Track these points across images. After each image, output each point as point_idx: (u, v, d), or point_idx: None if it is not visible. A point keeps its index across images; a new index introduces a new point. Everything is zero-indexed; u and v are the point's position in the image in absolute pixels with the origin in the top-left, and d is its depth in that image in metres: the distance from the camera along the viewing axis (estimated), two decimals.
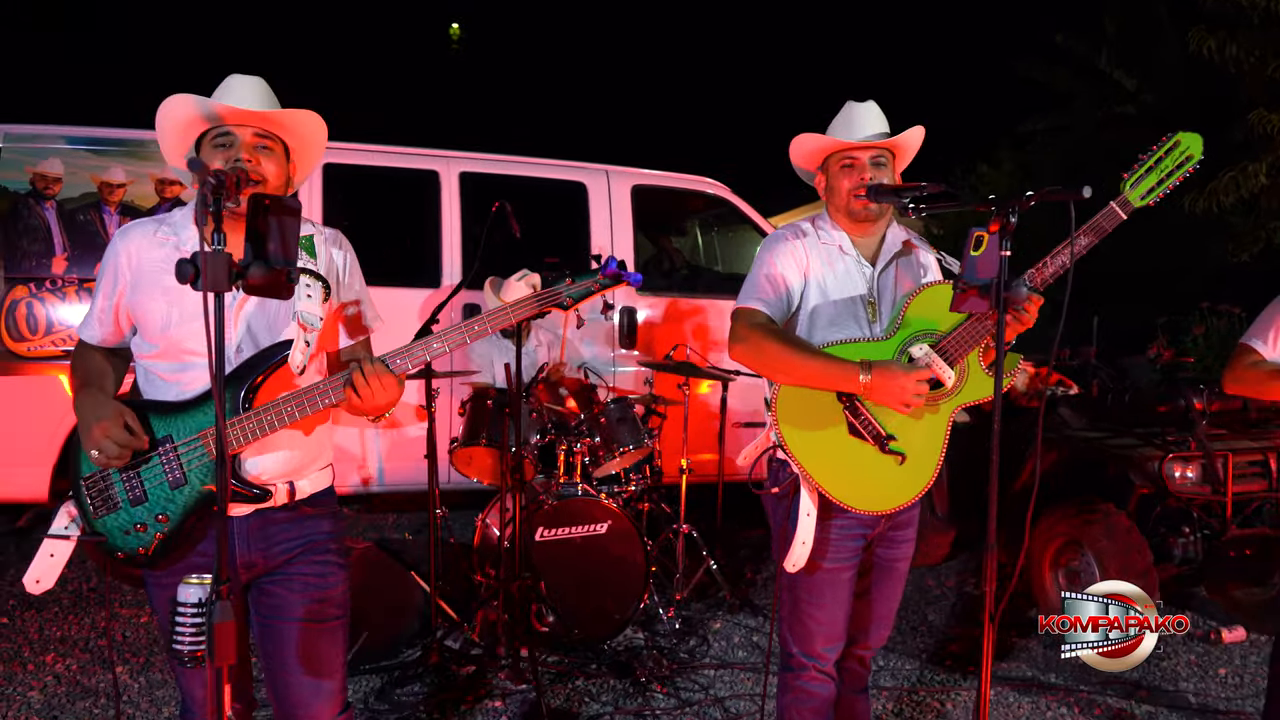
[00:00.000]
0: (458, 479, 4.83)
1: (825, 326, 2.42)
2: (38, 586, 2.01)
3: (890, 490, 2.36)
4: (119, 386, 2.15)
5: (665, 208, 6.68)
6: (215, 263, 1.61)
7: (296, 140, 2.14)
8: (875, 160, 2.43)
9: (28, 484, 4.61)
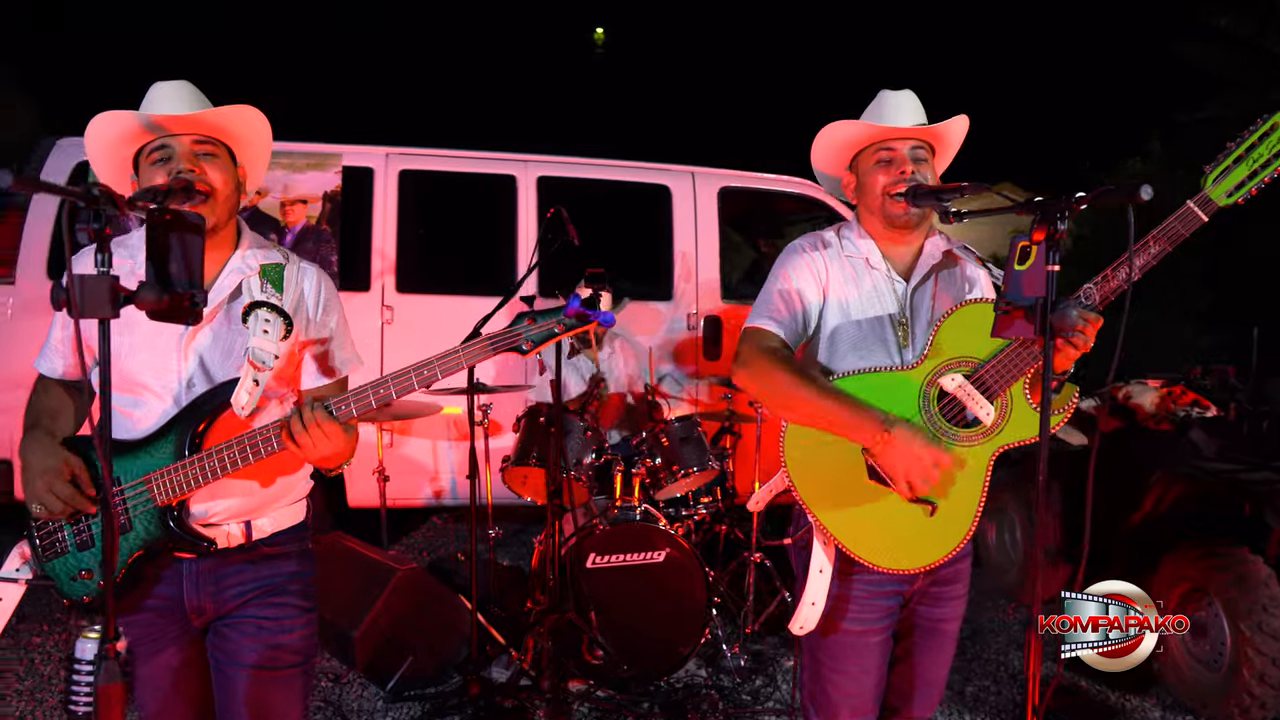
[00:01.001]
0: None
1: (848, 352, 2.09)
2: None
3: (919, 545, 2.01)
4: (77, 426, 2.03)
5: (755, 211, 6.35)
6: (93, 286, 1.45)
7: (238, 141, 1.98)
8: (915, 153, 2.09)
9: None
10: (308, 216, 4.92)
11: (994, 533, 5.08)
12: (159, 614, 1.96)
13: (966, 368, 1.98)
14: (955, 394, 1.97)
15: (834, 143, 2.15)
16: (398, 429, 4.91)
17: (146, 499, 1.86)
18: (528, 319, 1.83)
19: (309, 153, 5.00)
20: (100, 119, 1.86)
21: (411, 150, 5.13)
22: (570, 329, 1.83)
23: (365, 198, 5.00)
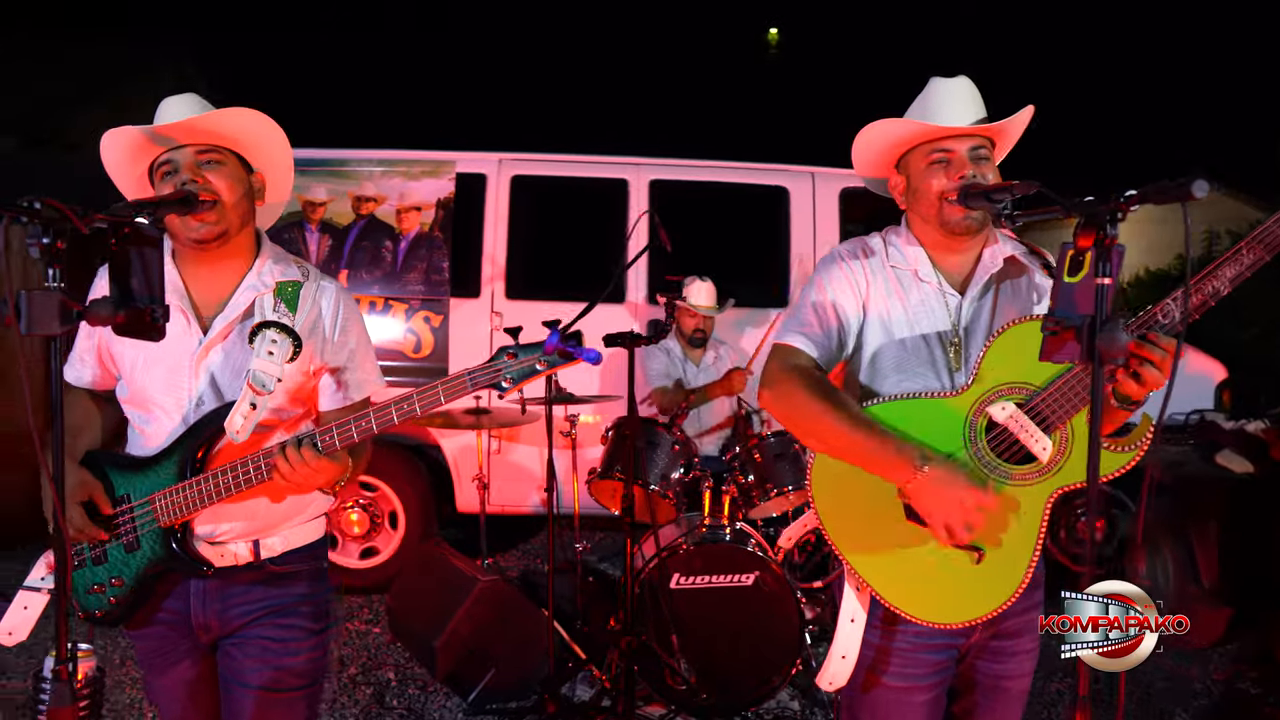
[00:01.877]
0: None
1: (891, 374, 1.85)
2: (10, 639, 1.93)
3: (965, 597, 1.75)
4: (106, 436, 2.05)
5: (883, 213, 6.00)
6: (40, 302, 1.42)
7: (246, 146, 1.93)
8: (975, 153, 1.83)
9: None
10: (421, 223, 4.98)
11: (1144, 567, 4.58)
12: (170, 628, 1.95)
13: (1020, 395, 1.71)
14: (1006, 425, 1.70)
15: (878, 142, 1.91)
16: (505, 435, 4.89)
17: (152, 520, 1.85)
18: (508, 354, 1.70)
19: (425, 160, 5.06)
20: (107, 136, 1.86)
21: (523, 156, 5.11)
22: (553, 365, 1.70)
23: (477, 204, 5.02)
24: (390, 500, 4.94)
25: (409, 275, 4.96)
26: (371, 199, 4.98)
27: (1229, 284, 1.59)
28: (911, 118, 1.86)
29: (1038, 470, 1.71)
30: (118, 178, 1.94)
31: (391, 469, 4.91)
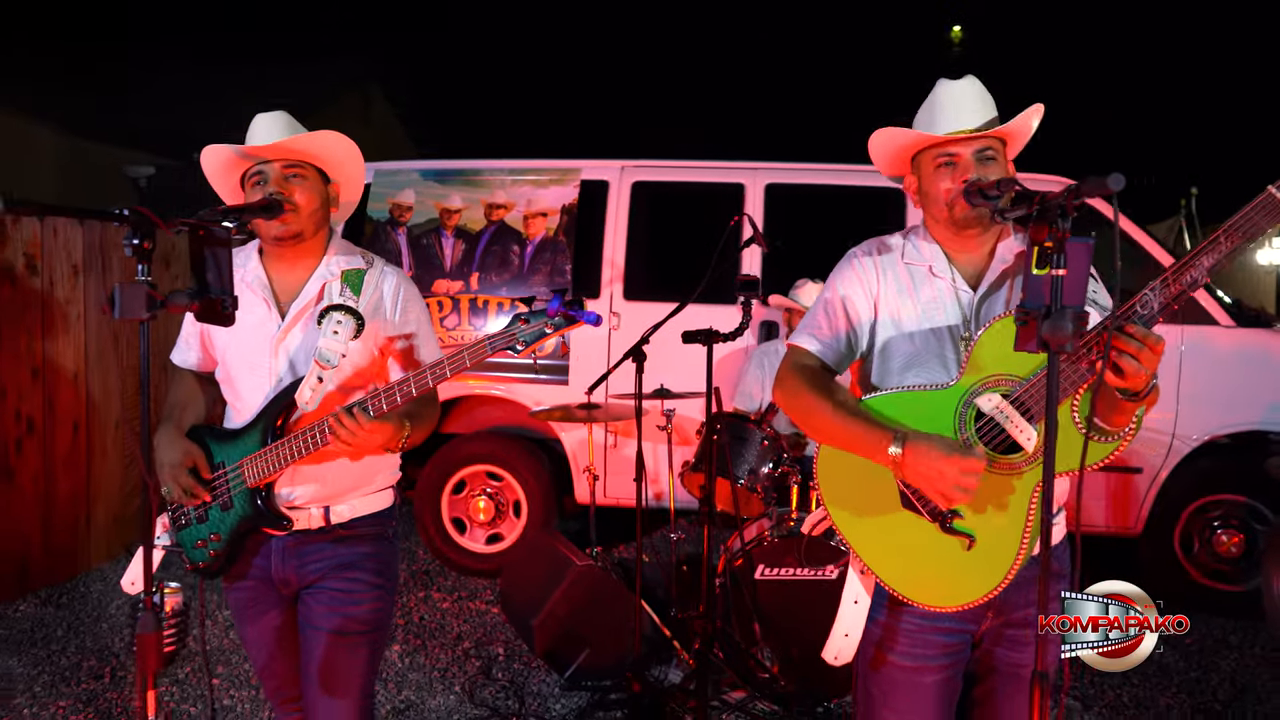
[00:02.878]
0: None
1: (902, 368, 1.93)
2: (133, 588, 2.27)
3: (959, 581, 1.80)
4: (209, 412, 2.37)
5: None
6: (130, 293, 1.72)
7: (326, 162, 2.20)
8: (982, 155, 1.88)
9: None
10: (547, 228, 5.26)
11: (1279, 583, 4.32)
12: (257, 583, 2.25)
13: (1006, 386, 1.76)
14: (992, 415, 1.75)
15: (891, 147, 1.98)
16: (620, 430, 5.10)
17: (240, 481, 2.14)
18: (521, 320, 1.90)
19: (553, 169, 5.35)
20: (206, 151, 2.18)
21: (644, 162, 5.31)
22: (559, 328, 1.88)
23: (599, 209, 5.26)
24: (515, 490, 5.24)
25: (534, 277, 5.25)
26: (502, 206, 5.31)
27: (1206, 273, 1.60)
28: (919, 121, 1.93)
29: (1024, 459, 1.75)
30: (216, 184, 2.25)
31: (516, 460, 5.22)
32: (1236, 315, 4.84)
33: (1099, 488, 4.85)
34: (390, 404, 1.98)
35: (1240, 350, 4.76)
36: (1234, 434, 4.76)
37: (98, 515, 5.47)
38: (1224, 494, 4.80)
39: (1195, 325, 4.76)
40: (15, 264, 4.84)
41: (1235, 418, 4.73)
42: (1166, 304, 1.61)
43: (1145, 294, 1.62)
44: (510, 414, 5.40)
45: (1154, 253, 4.89)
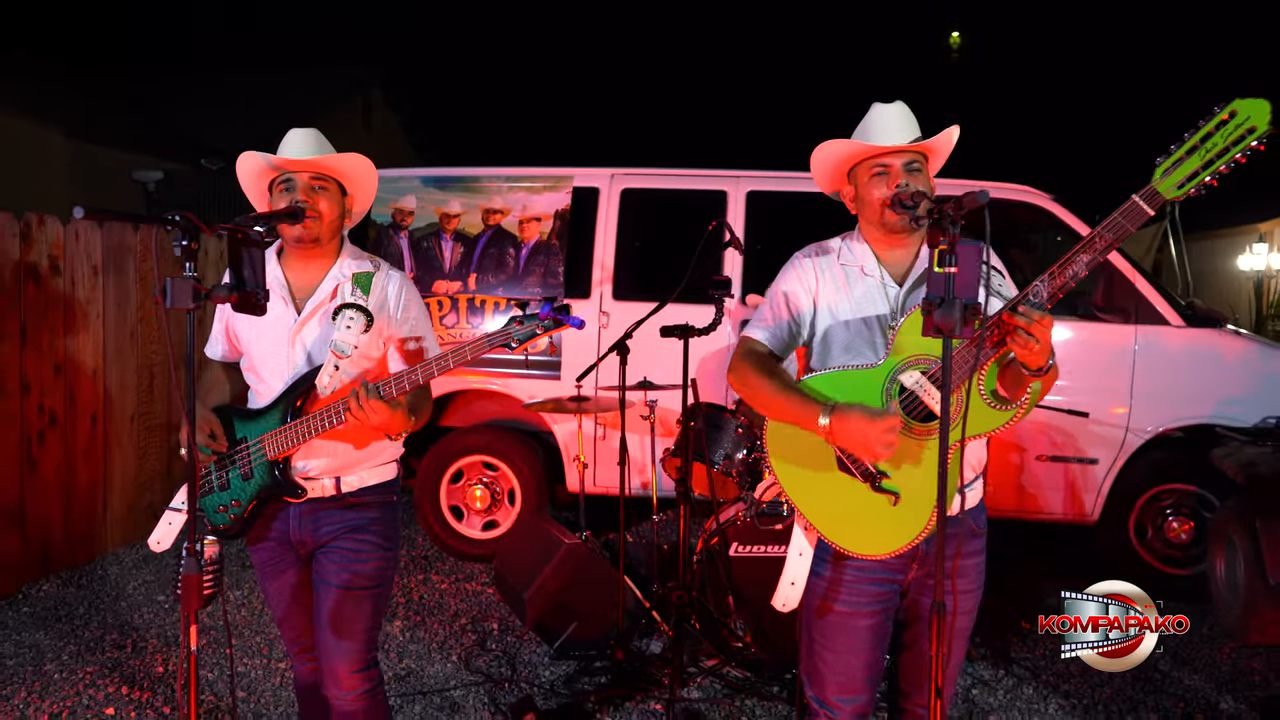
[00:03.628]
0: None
1: (840, 352, 2.24)
2: (159, 547, 2.58)
3: (886, 533, 2.12)
4: (233, 395, 2.68)
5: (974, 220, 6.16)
6: (179, 286, 2.02)
7: (346, 178, 2.51)
8: (909, 166, 2.20)
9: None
10: (540, 232, 5.57)
11: (1223, 564, 4.63)
12: (277, 544, 2.55)
13: (924, 365, 2.07)
14: (913, 389, 2.07)
15: (829, 160, 2.30)
16: (608, 421, 5.41)
17: (262, 454, 2.45)
18: (516, 321, 2.21)
19: (546, 176, 5.66)
20: (243, 157, 2.49)
21: (633, 170, 5.63)
22: (549, 329, 2.19)
23: (590, 214, 5.57)
24: (509, 479, 5.55)
25: (529, 279, 5.56)
26: (499, 211, 5.62)
27: (1085, 267, 1.90)
28: (855, 139, 2.25)
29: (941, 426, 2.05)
30: (247, 185, 2.56)
31: (510, 451, 5.52)
32: (1188, 316, 5.16)
33: (1058, 478, 5.16)
34: (400, 389, 2.29)
35: (1191, 349, 5.08)
36: (1185, 427, 5.07)
37: (114, 503, 5.77)
38: (1175, 484, 5.12)
39: (1149, 326, 5.07)
40: (40, 265, 5.14)
41: (1186, 412, 5.05)
42: (1053, 293, 1.92)
43: (1035, 285, 1.93)
44: (505, 408, 5.70)
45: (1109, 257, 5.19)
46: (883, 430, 1.99)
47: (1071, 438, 5.10)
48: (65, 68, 12.46)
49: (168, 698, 3.74)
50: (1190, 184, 1.84)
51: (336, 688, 2.48)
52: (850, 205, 2.35)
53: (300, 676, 2.73)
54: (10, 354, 4.97)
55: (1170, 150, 1.87)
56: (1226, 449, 4.65)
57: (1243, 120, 1.80)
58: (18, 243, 5.00)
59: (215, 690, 3.81)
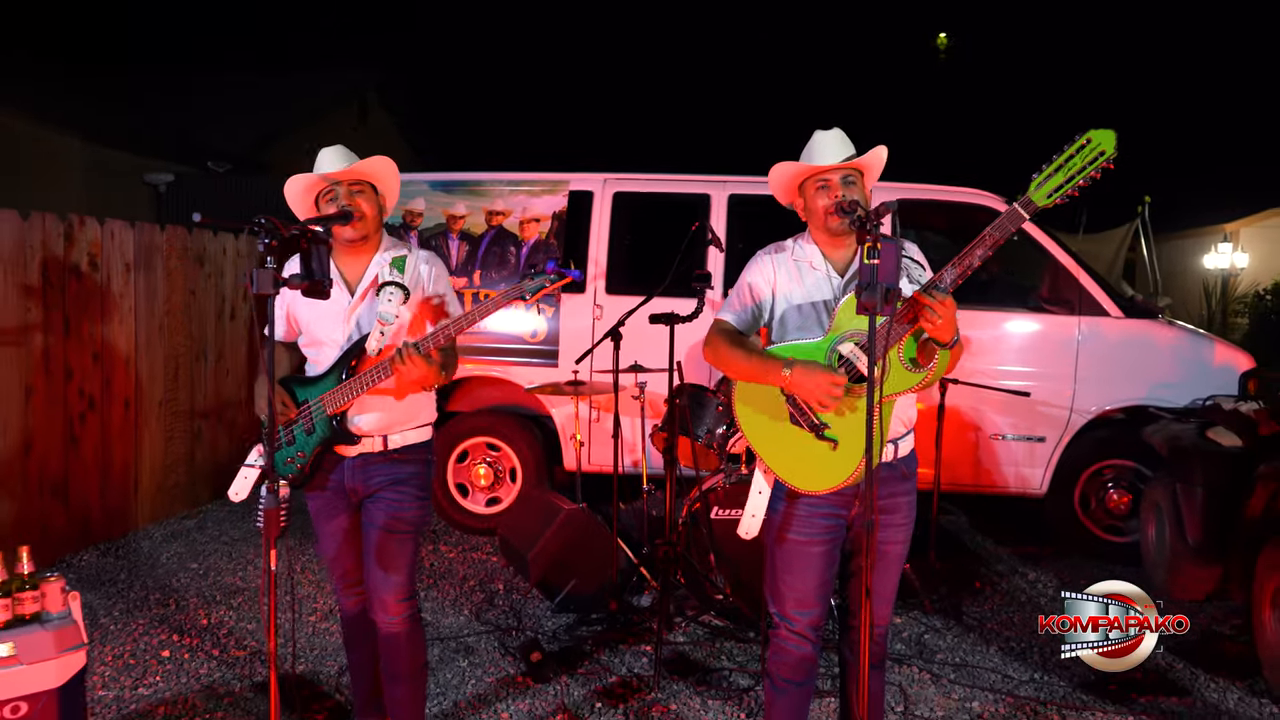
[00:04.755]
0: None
1: (794, 330, 2.75)
2: (236, 497, 3.08)
3: (827, 472, 2.63)
4: (292, 369, 3.18)
5: (935, 222, 6.70)
6: (263, 275, 2.52)
7: (379, 180, 3.01)
8: (846, 179, 2.72)
9: None
10: (539, 232, 6.08)
11: (1153, 529, 5.17)
12: (333, 492, 3.05)
13: (857, 338, 2.59)
14: (848, 357, 2.58)
15: (783, 178, 2.82)
16: (602, 405, 5.92)
17: (322, 410, 2.94)
18: (528, 277, 2.73)
19: (545, 180, 6.16)
20: (292, 180, 2.98)
21: (624, 175, 6.13)
22: (554, 282, 2.71)
23: (585, 215, 6.07)
24: (511, 459, 6.06)
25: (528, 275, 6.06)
26: (501, 213, 6.12)
27: (979, 259, 2.41)
28: (804, 159, 2.77)
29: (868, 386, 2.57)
30: (295, 199, 3.04)
31: (512, 433, 6.03)
32: (1126, 308, 5.70)
33: (1010, 454, 5.70)
34: (436, 343, 2.79)
35: (1128, 338, 5.63)
36: (1123, 408, 5.62)
37: (144, 483, 6.25)
38: (1115, 459, 5.67)
39: (1091, 317, 5.61)
40: (80, 262, 5.63)
41: (1124, 394, 5.59)
42: (955, 280, 2.43)
43: (943, 273, 2.44)
44: (507, 393, 6.20)
45: (1056, 255, 5.73)
46: (830, 382, 2.52)
47: (1023, 418, 5.63)
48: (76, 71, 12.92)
49: (215, 642, 4.24)
50: (1057, 194, 2.36)
51: (385, 613, 2.99)
52: (801, 214, 2.86)
53: (346, 608, 3.22)
54: (56, 343, 5.45)
55: (1042, 168, 2.38)
56: (1156, 426, 5.20)
57: (1096, 145, 2.32)
58: (62, 242, 5.48)
59: (257, 639, 4.30)
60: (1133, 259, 15.44)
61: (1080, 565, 5.53)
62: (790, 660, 2.83)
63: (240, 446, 7.27)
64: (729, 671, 3.95)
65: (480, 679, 3.87)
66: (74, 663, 2.80)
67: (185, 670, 3.95)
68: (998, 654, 4.24)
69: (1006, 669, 4.06)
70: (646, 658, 4.08)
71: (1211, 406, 5.08)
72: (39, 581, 2.83)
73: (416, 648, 3.07)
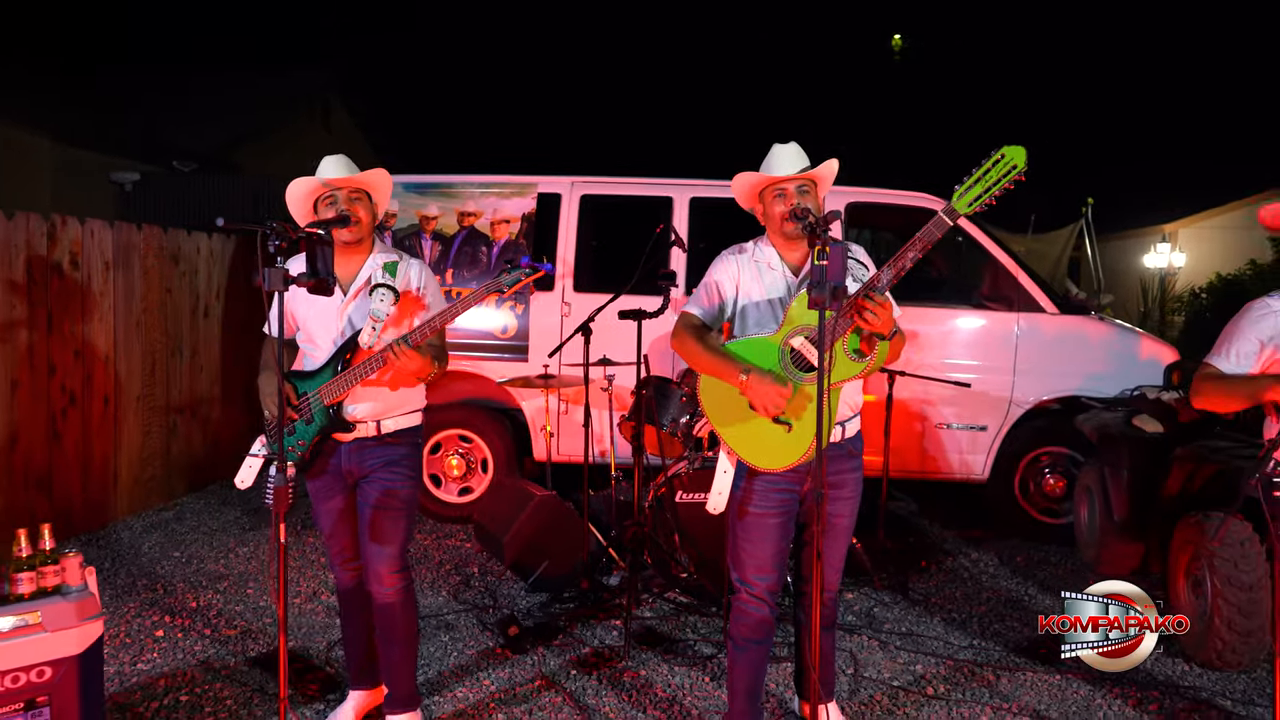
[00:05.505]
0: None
1: (753, 324, 3.06)
2: (242, 484, 3.32)
3: (782, 452, 2.94)
4: (290, 363, 3.43)
5: (884, 224, 7.08)
6: (274, 274, 2.77)
7: (374, 189, 3.27)
8: (801, 188, 3.03)
9: None
10: (510, 233, 6.34)
11: (1085, 511, 5.57)
12: (330, 475, 3.30)
13: (807, 332, 2.90)
14: (800, 350, 2.90)
15: (744, 186, 3.12)
16: (570, 398, 6.20)
17: (319, 401, 3.20)
18: (505, 271, 3.01)
19: (514, 183, 6.43)
20: (295, 182, 3.23)
21: (591, 178, 6.42)
22: (529, 275, 3.00)
23: (554, 217, 6.35)
24: (483, 450, 6.32)
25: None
26: (472, 214, 6.38)
27: (911, 261, 2.73)
28: (761, 170, 3.07)
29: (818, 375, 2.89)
30: (295, 205, 3.29)
31: (483, 425, 6.30)
32: (1061, 305, 6.10)
33: (955, 443, 6.07)
34: (423, 336, 3.07)
35: (1063, 333, 6.03)
36: (1059, 398, 6.02)
37: (123, 476, 6.42)
38: (1052, 446, 6.06)
39: (1028, 313, 6.00)
40: (63, 260, 5.80)
41: (1059, 386, 6.00)
42: (890, 280, 2.75)
43: (880, 273, 2.76)
44: (479, 387, 6.46)
45: (997, 256, 6.11)
46: (776, 394, 2.83)
47: (966, 408, 6.01)
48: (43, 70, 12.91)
49: (207, 622, 4.46)
50: (976, 203, 2.68)
51: (379, 585, 3.26)
52: (761, 219, 3.16)
53: (341, 582, 3.47)
54: (40, 339, 5.62)
55: (963, 180, 2.70)
56: (1087, 415, 5.60)
57: (1009, 160, 2.65)
58: (45, 241, 5.65)
59: (245, 619, 4.53)
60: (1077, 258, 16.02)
61: (1018, 546, 5.92)
62: (750, 621, 3.14)
63: (214, 442, 7.46)
64: (693, 641, 4.26)
65: (461, 652, 4.13)
66: (93, 631, 3.03)
67: (180, 648, 4.17)
68: (940, 624, 4.59)
69: (948, 637, 4.41)
70: (617, 631, 4.37)
71: (1138, 396, 5.48)
72: (59, 557, 3.06)
73: (409, 615, 3.34)
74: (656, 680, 3.85)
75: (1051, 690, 3.80)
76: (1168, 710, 3.64)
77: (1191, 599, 4.21)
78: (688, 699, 3.70)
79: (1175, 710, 3.64)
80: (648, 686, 3.79)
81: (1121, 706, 3.66)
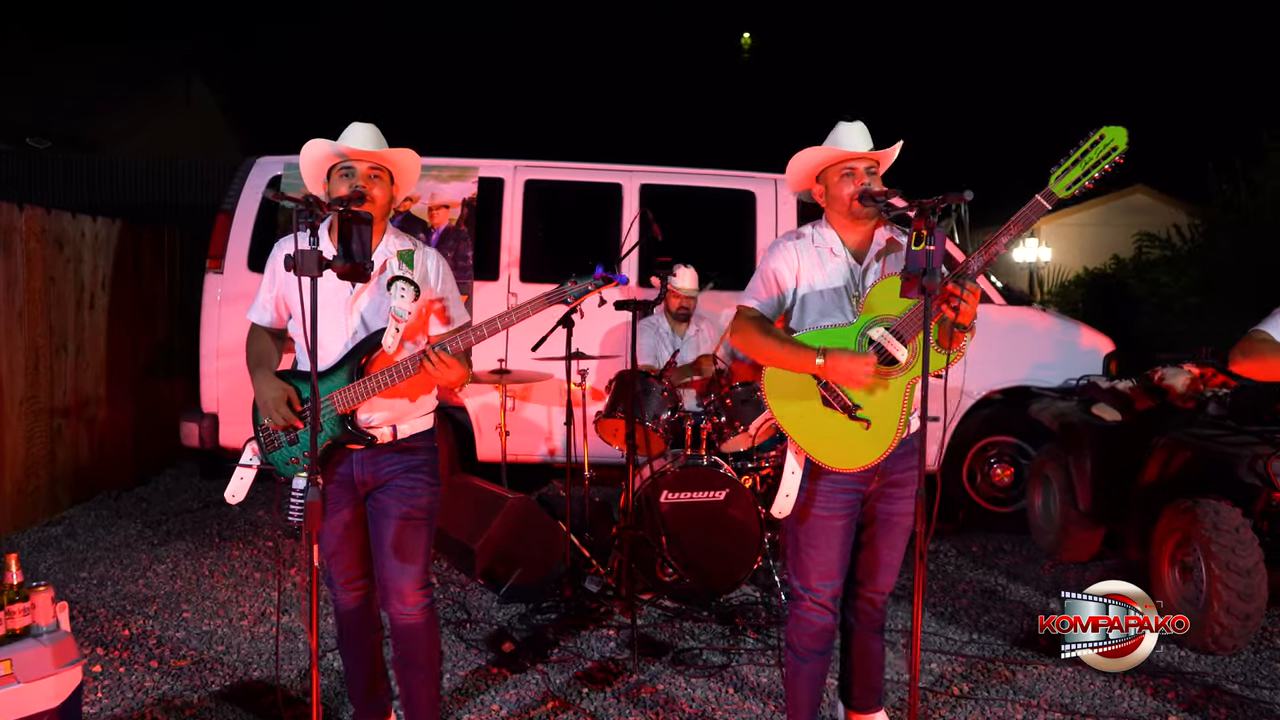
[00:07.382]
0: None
1: (816, 315, 2.87)
2: (234, 499, 2.89)
3: (859, 451, 2.77)
4: (280, 362, 3.02)
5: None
6: (307, 257, 2.39)
7: (397, 170, 2.90)
8: (869, 170, 2.85)
9: None
10: (450, 219, 5.95)
11: (1040, 499, 5.65)
12: (338, 485, 2.91)
13: (887, 322, 2.73)
14: (879, 341, 2.73)
15: (807, 164, 2.92)
16: (518, 394, 5.87)
17: (331, 409, 2.81)
18: (571, 281, 2.71)
19: (452, 166, 6.04)
20: (310, 144, 2.82)
21: (535, 163, 6.10)
22: (599, 286, 2.70)
23: (496, 203, 6.00)
24: None
25: None
26: (408, 198, 5.94)
27: (1005, 247, 2.61)
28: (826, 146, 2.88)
29: (899, 369, 2.72)
30: (308, 169, 2.89)
31: None
32: (1007, 296, 6.18)
33: None
34: (466, 344, 2.73)
35: (1010, 324, 6.11)
36: (1006, 389, 6.10)
37: (6, 487, 5.70)
38: (999, 436, 6.14)
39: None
40: None
41: (1006, 376, 6.08)
42: (980, 268, 2.61)
43: (970, 260, 2.62)
44: None
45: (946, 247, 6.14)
46: (864, 364, 2.65)
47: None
48: None
49: (149, 653, 3.94)
50: (1076, 185, 2.58)
51: (402, 604, 2.89)
52: (820, 200, 2.97)
53: (343, 604, 3.07)
54: None
55: (1060, 162, 2.59)
56: (1041, 404, 5.68)
57: (1110, 141, 2.55)
58: None
59: (192, 646, 4.04)
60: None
61: (970, 536, 5.97)
62: (813, 630, 2.95)
63: (100, 446, 6.75)
64: (698, 650, 4.04)
65: (453, 673, 3.78)
66: (71, 679, 2.58)
67: (126, 684, 3.66)
68: (932, 619, 4.53)
69: (946, 633, 4.35)
70: (612, 641, 4.11)
71: (1089, 385, 5.59)
72: (28, 592, 2.58)
73: (434, 638, 3.00)
74: (677, 694, 3.62)
75: (1069, 682, 3.77)
76: (1183, 697, 3.66)
77: (1179, 584, 4.28)
78: (718, 714, 3.48)
79: (1191, 697, 3.66)
80: (671, 702, 3.55)
81: (1141, 695, 3.66)
